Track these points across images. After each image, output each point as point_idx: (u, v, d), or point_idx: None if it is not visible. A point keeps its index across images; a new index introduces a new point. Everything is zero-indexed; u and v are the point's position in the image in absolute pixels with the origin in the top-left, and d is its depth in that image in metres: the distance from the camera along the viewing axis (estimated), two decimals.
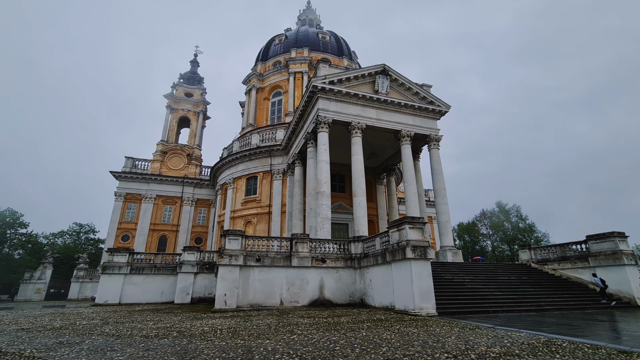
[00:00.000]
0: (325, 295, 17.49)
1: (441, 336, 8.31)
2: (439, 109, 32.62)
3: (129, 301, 22.21)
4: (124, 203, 49.31)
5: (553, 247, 21.26)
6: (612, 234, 17.70)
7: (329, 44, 55.27)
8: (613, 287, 17.24)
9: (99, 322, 12.65)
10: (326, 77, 29.09)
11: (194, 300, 22.14)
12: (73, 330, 10.57)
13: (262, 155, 41.81)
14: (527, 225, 67.88)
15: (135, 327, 10.87)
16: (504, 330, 9.10)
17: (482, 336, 8.22)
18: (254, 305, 16.24)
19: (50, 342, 8.42)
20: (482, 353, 6.29)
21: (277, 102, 51.05)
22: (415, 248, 13.30)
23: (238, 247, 16.47)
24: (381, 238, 16.69)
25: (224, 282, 15.77)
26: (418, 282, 12.90)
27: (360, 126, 29.22)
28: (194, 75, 63.67)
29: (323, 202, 26.36)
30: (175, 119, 57.83)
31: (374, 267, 16.68)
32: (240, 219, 40.83)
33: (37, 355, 6.89)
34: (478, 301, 15.05)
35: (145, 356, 6.58)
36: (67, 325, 11.84)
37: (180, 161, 54.15)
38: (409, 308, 12.98)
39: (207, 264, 23.19)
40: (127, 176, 49.92)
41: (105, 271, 22.19)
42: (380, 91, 30.81)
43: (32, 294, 39.28)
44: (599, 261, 18.01)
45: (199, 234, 51.68)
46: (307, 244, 17.81)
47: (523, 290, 17.09)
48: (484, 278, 18.49)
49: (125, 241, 47.69)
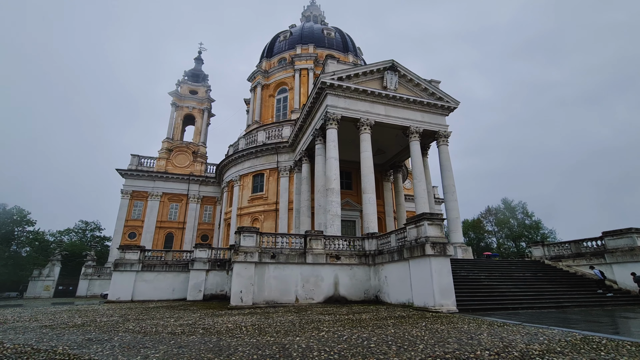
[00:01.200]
0: (340, 292, 17.45)
1: (472, 333, 8.22)
2: (447, 105, 32.41)
3: (141, 298, 22.27)
4: (131, 200, 49.38)
5: (567, 244, 21.12)
6: (629, 230, 17.54)
7: (334, 40, 54.96)
8: (630, 284, 17.13)
9: (119, 319, 12.64)
10: (335, 73, 28.86)
11: (205, 297, 22.17)
12: (96, 327, 10.55)
13: (268, 152, 41.73)
14: (533, 222, 67.63)
15: (158, 324, 10.84)
16: (534, 328, 9.01)
17: (514, 333, 8.13)
18: (269, 302, 16.20)
19: (79, 339, 8.39)
20: (524, 350, 6.20)
21: (283, 99, 50.86)
22: (435, 244, 13.21)
23: (253, 244, 16.42)
24: (397, 234, 16.59)
25: (240, 279, 15.73)
26: (438, 279, 12.82)
27: (369, 123, 29.05)
28: (198, 73, 63.48)
29: (333, 199, 26.27)
30: (180, 116, 57.74)
31: (390, 264, 16.60)
32: (247, 216, 40.82)
33: (70, 352, 6.84)
34: (496, 298, 14.97)
35: (180, 353, 6.53)
36: (88, 322, 11.84)
37: (185, 159, 54.10)
38: (429, 305, 12.91)
39: (218, 261, 23.20)
40: (133, 174, 49.96)
41: (117, 268, 22.22)
42: (389, 87, 30.60)
43: (41, 291, 39.48)
44: (615, 257, 17.88)
45: (205, 231, 51.72)
46: (321, 240, 17.75)
47: (539, 287, 16.99)
48: (499, 275, 18.40)
49: (132, 238, 47.79)
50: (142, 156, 52.54)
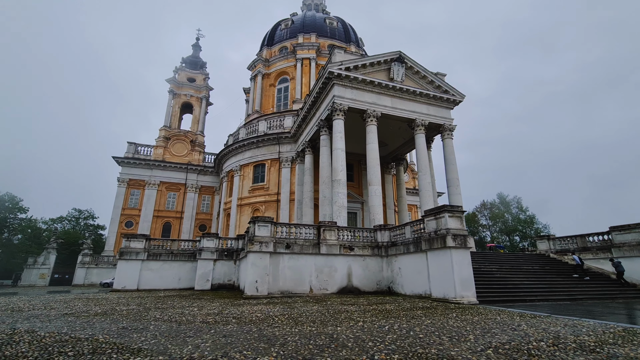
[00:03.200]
0: (353, 283, 17.50)
1: (511, 324, 8.28)
2: (453, 99, 32.43)
3: (147, 287, 21.96)
4: (127, 189, 48.54)
5: (573, 238, 21.56)
6: (637, 225, 17.93)
7: (336, 30, 54.19)
8: (637, 278, 17.59)
9: (138, 307, 12.40)
10: (342, 63, 28.48)
11: (213, 286, 21.97)
12: (121, 315, 10.33)
13: (270, 142, 41.29)
14: (527, 216, 68.99)
15: (184, 313, 10.68)
16: (566, 319, 9.13)
17: (552, 324, 8.21)
18: (284, 292, 16.14)
19: (112, 327, 8.18)
20: (577, 342, 6.25)
21: (284, 89, 50.21)
22: (456, 237, 13.28)
23: (268, 233, 16.27)
24: (412, 226, 16.63)
25: (255, 269, 15.60)
26: (459, 271, 12.92)
27: (376, 114, 28.91)
28: (196, 60, 62.07)
29: (339, 190, 26.21)
30: (178, 104, 56.58)
31: (404, 256, 16.67)
32: (247, 207, 40.55)
33: (113, 340, 6.66)
34: (511, 290, 15.19)
35: (230, 343, 6.40)
36: (109, 310, 11.60)
37: (183, 147, 53.24)
38: (450, 296, 13.03)
39: (226, 250, 22.96)
40: (130, 162, 49.00)
41: (123, 257, 21.83)
42: (395, 79, 30.39)
43: (37, 279, 38.69)
44: (623, 252, 18.31)
45: (203, 221, 51.28)
46: (334, 231, 17.70)
47: (550, 280, 17.31)
48: (509, 267, 18.69)
49: (129, 227, 47.13)
50: (139, 144, 51.50)
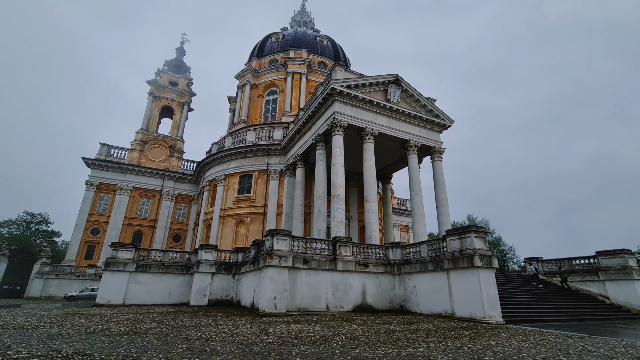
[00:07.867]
0: (367, 301, 17.10)
1: (557, 345, 8.37)
2: (443, 123, 33.90)
3: (134, 302, 19.72)
4: (96, 193, 44.97)
5: (561, 261, 22.77)
6: (622, 250, 19.35)
7: (326, 48, 55.38)
8: (622, 300, 18.80)
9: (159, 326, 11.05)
10: (344, 81, 28.96)
11: (210, 302, 20.23)
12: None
13: (258, 153, 40.47)
14: (494, 238, 72.61)
15: (209, 332, 9.66)
16: (606, 339, 9.41)
17: (600, 345, 8.39)
18: (301, 310, 15.33)
19: (179, 350, 7.16)
20: None
21: (272, 101, 49.99)
22: (483, 257, 13.49)
23: (286, 247, 15.51)
24: (430, 245, 16.70)
25: (274, 285, 14.70)
26: (486, 291, 13.05)
27: (373, 132, 29.47)
28: (179, 64, 60.30)
29: (338, 205, 26.04)
30: (157, 107, 54.16)
31: (420, 274, 16.63)
32: (231, 218, 39.02)
33: None
34: (524, 310, 15.54)
35: None
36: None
37: (161, 152, 50.65)
38: (478, 316, 13.04)
39: (224, 264, 21.48)
40: (101, 164, 45.66)
41: (109, 268, 19.59)
42: (392, 100, 31.33)
43: None
44: (609, 275, 19.56)
45: (178, 231, 48.50)
46: (349, 247, 17.31)
47: (552, 301, 17.93)
48: (511, 288, 19.22)
49: (95, 235, 43.41)
50: (113, 146, 48.29)
